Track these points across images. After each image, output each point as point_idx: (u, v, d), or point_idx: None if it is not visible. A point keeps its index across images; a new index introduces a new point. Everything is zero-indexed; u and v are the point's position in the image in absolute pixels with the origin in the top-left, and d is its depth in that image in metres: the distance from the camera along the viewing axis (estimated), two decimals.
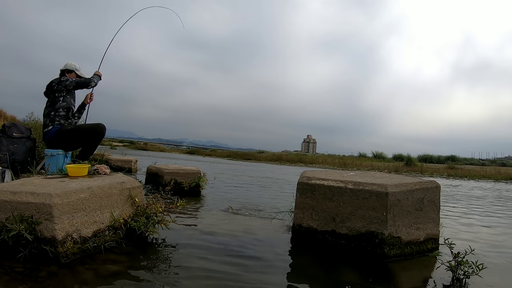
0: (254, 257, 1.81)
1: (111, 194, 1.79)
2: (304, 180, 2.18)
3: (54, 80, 3.15)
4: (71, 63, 3.36)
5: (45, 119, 3.06)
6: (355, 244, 1.90)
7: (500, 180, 12.84)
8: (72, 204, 1.56)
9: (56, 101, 3.06)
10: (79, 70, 3.37)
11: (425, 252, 1.96)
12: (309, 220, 2.10)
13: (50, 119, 3.02)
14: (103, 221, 1.72)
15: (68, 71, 3.32)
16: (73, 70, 3.32)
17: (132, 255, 1.69)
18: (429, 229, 2.00)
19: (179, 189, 3.83)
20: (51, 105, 3.06)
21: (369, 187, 1.90)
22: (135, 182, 2.04)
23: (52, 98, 3.08)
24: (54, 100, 3.07)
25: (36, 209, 1.48)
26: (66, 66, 3.34)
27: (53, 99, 3.07)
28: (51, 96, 3.10)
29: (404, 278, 1.65)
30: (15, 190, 1.55)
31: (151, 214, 1.92)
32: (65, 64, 3.38)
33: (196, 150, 35.06)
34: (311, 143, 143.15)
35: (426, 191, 2.00)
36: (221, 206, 3.37)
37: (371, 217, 1.86)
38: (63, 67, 3.34)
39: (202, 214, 2.91)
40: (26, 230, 1.42)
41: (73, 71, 3.32)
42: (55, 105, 3.05)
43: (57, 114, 3.03)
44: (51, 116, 3.03)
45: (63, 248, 1.49)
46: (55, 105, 3.05)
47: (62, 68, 3.34)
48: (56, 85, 3.08)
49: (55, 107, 3.04)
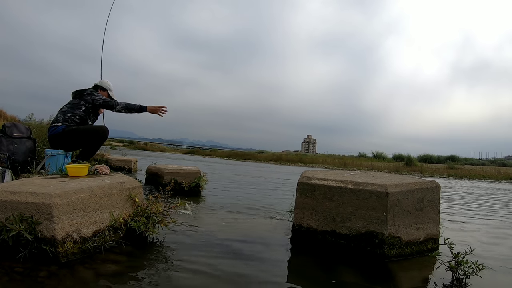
0: (254, 257, 1.81)
1: (111, 194, 1.79)
2: (304, 180, 2.18)
3: (88, 90, 3.23)
4: (106, 82, 3.45)
5: (59, 115, 3.07)
6: (355, 244, 1.90)
7: (500, 180, 12.84)
8: (72, 204, 1.56)
9: (78, 107, 3.10)
10: (111, 91, 3.44)
11: (425, 252, 1.96)
12: (309, 220, 2.10)
13: (64, 118, 3.04)
14: (103, 221, 1.72)
15: (102, 88, 3.39)
16: (106, 89, 3.39)
17: (132, 255, 1.69)
18: (429, 229, 2.00)
19: (179, 189, 3.83)
20: (72, 108, 3.10)
21: (369, 187, 1.90)
22: (135, 182, 2.04)
23: (76, 102, 3.13)
24: (76, 105, 3.12)
25: (36, 209, 1.48)
26: (101, 83, 3.41)
27: (76, 104, 3.12)
28: (77, 100, 3.16)
29: (404, 278, 1.65)
30: (15, 190, 1.55)
31: (151, 214, 1.91)
32: (100, 80, 3.46)
33: (196, 150, 35.07)
34: (311, 143, 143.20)
35: (426, 191, 2.00)
36: (221, 206, 3.37)
37: (371, 217, 1.86)
38: (98, 82, 3.41)
39: (202, 214, 2.91)
40: (26, 230, 1.42)
41: (106, 90, 3.39)
42: (74, 110, 3.09)
43: (72, 118, 3.06)
44: (66, 116, 3.04)
45: (63, 248, 1.49)
46: (74, 110, 3.09)
47: (97, 83, 3.41)
48: (88, 95, 3.15)
49: (74, 112, 3.08)
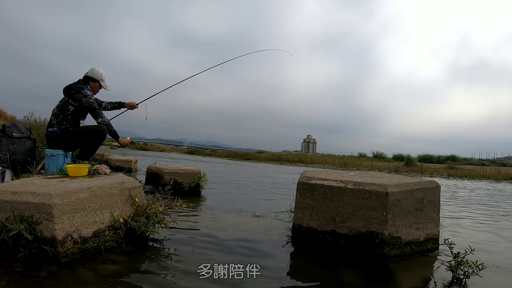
0: (254, 257, 1.80)
1: (111, 194, 1.79)
2: (304, 180, 2.18)
3: (76, 86, 2.99)
4: (98, 71, 3.15)
5: (52, 119, 3.01)
6: (355, 244, 1.90)
7: (500, 180, 12.84)
8: (72, 204, 1.56)
9: (66, 109, 2.98)
10: (103, 81, 3.18)
11: (425, 252, 1.96)
12: (309, 220, 2.10)
13: (57, 121, 2.98)
14: (103, 221, 1.72)
15: (93, 79, 3.13)
16: (98, 80, 3.13)
17: (132, 255, 1.69)
18: (429, 229, 2.00)
19: (179, 189, 3.83)
20: (61, 110, 2.99)
21: (369, 187, 1.90)
22: (135, 182, 2.04)
23: (65, 101, 3.00)
24: (65, 104, 2.99)
25: (36, 209, 1.48)
26: (92, 73, 3.13)
27: (64, 103, 2.99)
28: (66, 98, 3.01)
29: (404, 278, 1.65)
30: (15, 190, 1.55)
31: (151, 214, 1.91)
32: (91, 69, 3.15)
33: (196, 150, 35.06)
34: (311, 143, 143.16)
35: (426, 191, 2.00)
36: (221, 206, 3.37)
37: (371, 217, 1.86)
38: (88, 72, 3.13)
39: (202, 214, 2.91)
40: (26, 230, 1.42)
41: (98, 81, 3.14)
42: (64, 112, 2.99)
43: (64, 118, 2.99)
44: (59, 119, 2.98)
45: (63, 248, 1.49)
46: (64, 112, 2.99)
47: (87, 73, 3.13)
48: (76, 93, 2.96)
49: (63, 113, 2.99)
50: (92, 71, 3.15)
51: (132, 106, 3.58)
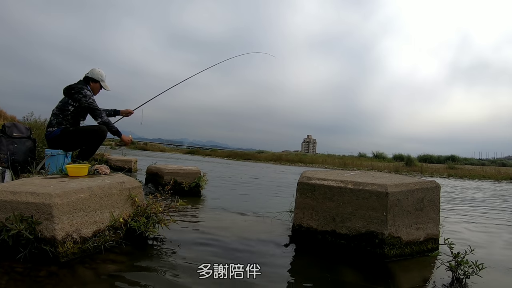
0: (253, 257, 1.80)
1: (111, 194, 1.79)
2: (304, 180, 2.18)
3: (77, 86, 3.00)
4: (98, 71, 3.16)
5: (52, 119, 3.01)
6: (355, 244, 1.90)
7: (500, 180, 12.84)
8: (72, 204, 1.56)
9: (66, 109, 2.98)
10: (104, 81, 3.20)
11: (425, 252, 1.96)
12: (309, 220, 2.10)
13: (57, 121, 2.98)
14: (103, 221, 1.72)
15: (94, 80, 3.14)
16: (98, 80, 3.14)
17: (132, 255, 1.69)
18: (429, 229, 2.00)
19: (179, 189, 3.83)
20: (61, 110, 2.99)
21: (369, 187, 1.90)
22: (135, 182, 2.04)
23: (65, 101, 3.00)
24: (65, 105, 2.99)
25: (36, 209, 1.48)
26: (92, 73, 3.14)
27: (65, 103, 3.00)
28: (66, 98, 3.02)
29: (404, 278, 1.65)
30: (15, 190, 1.55)
31: (151, 214, 1.91)
32: (91, 70, 3.17)
33: (196, 150, 35.07)
34: (311, 143, 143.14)
35: (426, 191, 2.00)
36: (221, 206, 3.37)
37: (371, 217, 1.86)
38: (89, 73, 3.14)
39: (202, 214, 2.91)
40: (26, 230, 1.42)
41: (98, 81, 3.15)
42: (64, 112, 2.99)
43: (64, 118, 3.00)
44: (59, 119, 2.98)
45: (63, 248, 1.49)
46: (64, 112, 2.99)
47: (88, 74, 3.14)
48: (75, 93, 2.97)
49: (63, 113, 2.99)
50: (93, 71, 3.16)
51: (127, 113, 3.58)
